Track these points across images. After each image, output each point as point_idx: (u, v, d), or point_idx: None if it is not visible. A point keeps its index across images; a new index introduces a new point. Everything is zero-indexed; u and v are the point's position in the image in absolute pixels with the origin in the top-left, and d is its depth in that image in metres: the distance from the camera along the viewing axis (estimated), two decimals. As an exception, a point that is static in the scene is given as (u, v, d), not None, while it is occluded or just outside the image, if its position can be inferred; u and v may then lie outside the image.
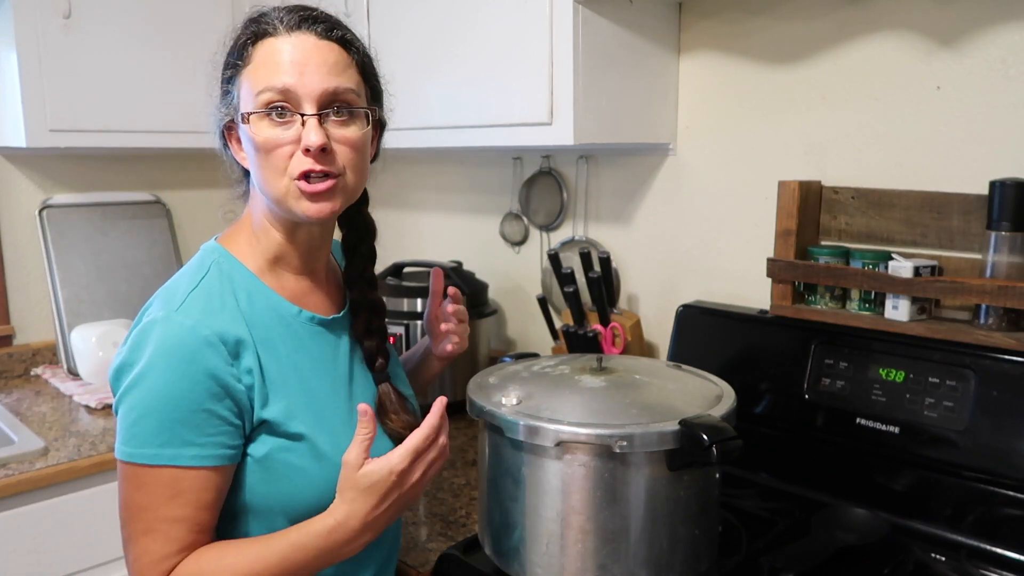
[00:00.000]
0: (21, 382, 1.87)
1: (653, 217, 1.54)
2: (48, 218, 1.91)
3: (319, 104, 0.78)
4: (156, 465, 0.75)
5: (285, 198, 0.80)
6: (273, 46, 0.79)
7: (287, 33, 0.79)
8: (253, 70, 0.79)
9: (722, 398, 0.94)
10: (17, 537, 1.36)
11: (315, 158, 0.78)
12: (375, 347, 0.93)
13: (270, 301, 0.85)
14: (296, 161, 0.78)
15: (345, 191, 0.82)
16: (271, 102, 0.78)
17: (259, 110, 0.78)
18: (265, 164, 0.79)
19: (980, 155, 1.14)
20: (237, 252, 0.86)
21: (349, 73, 0.81)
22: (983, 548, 1.01)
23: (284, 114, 0.78)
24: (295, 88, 0.77)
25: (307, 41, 0.79)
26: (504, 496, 0.92)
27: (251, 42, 0.80)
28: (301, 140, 0.78)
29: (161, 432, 0.75)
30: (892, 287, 1.13)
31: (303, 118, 0.78)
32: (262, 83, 0.78)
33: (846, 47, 1.25)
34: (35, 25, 1.62)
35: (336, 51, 0.80)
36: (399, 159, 2.06)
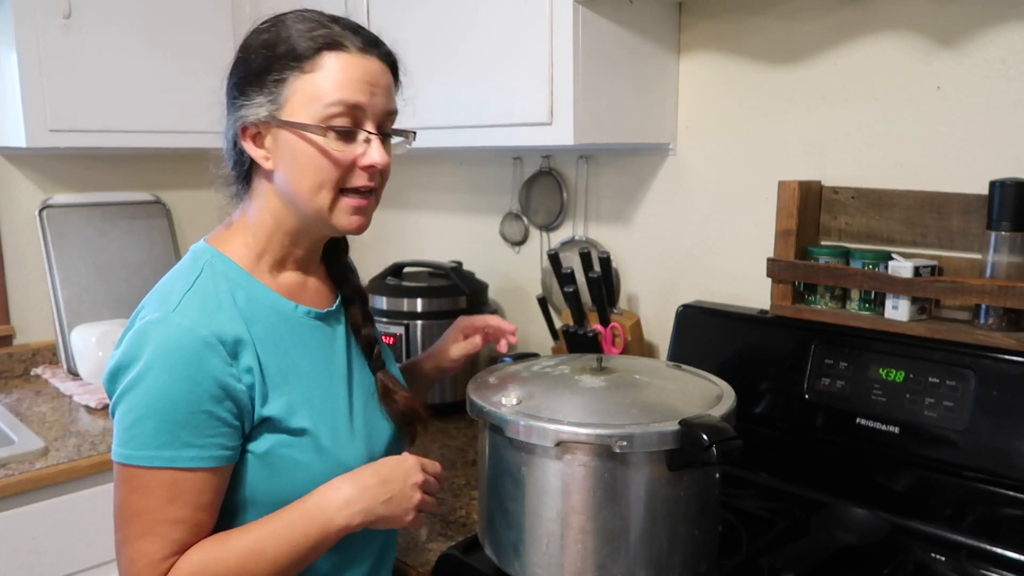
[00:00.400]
0: (21, 382, 1.87)
1: (653, 217, 1.54)
2: (48, 218, 1.91)
3: (379, 124, 0.83)
4: (155, 467, 0.75)
5: (324, 210, 0.82)
6: (347, 60, 0.80)
7: (360, 53, 0.81)
8: (322, 78, 0.79)
9: (722, 398, 0.94)
10: (17, 537, 1.36)
11: (372, 176, 0.83)
12: (371, 335, 0.95)
13: (267, 298, 0.85)
14: (354, 175, 0.82)
15: (375, 207, 0.87)
16: (338, 115, 0.79)
17: (325, 124, 0.79)
18: (319, 174, 0.80)
19: (980, 155, 1.14)
20: (230, 252, 0.85)
21: (396, 97, 0.86)
22: (983, 548, 1.01)
23: (351, 132, 0.81)
24: (366, 106, 0.81)
25: (376, 64, 0.82)
26: (504, 496, 0.92)
27: (318, 49, 0.79)
28: (363, 157, 0.81)
29: (160, 434, 0.75)
30: (892, 287, 1.13)
31: (369, 136, 0.81)
32: (335, 94, 0.79)
33: (846, 47, 1.25)
34: (35, 25, 1.62)
35: (390, 76, 0.85)
36: (399, 159, 2.04)
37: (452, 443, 1.49)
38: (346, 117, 0.80)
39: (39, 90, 1.63)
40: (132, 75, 1.75)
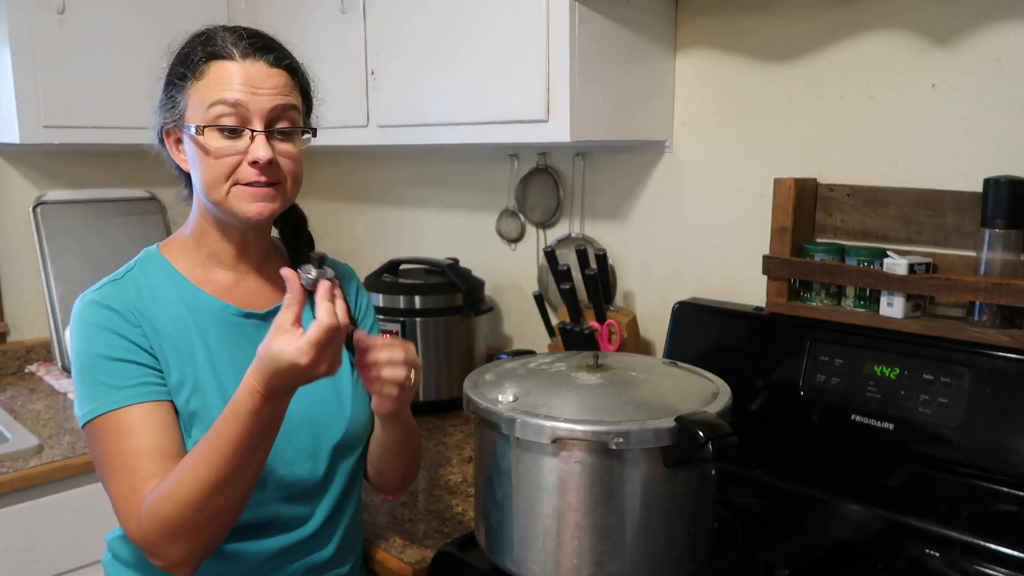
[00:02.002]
0: (15, 379, 1.86)
1: (649, 214, 1.54)
2: (42, 215, 1.90)
3: (266, 122, 0.87)
4: (98, 416, 0.84)
5: (226, 200, 0.88)
6: (227, 68, 0.87)
7: (242, 59, 0.87)
8: (205, 85, 0.87)
9: (718, 395, 0.94)
10: (11, 535, 1.36)
11: (261, 170, 0.87)
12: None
13: (188, 294, 0.93)
14: (243, 171, 0.87)
15: (283, 197, 0.91)
16: (222, 115, 0.86)
17: (211, 123, 0.86)
18: (210, 170, 0.88)
19: (974, 153, 1.15)
20: (169, 253, 0.96)
21: (294, 95, 0.91)
22: (977, 544, 1.02)
23: (236, 131, 0.87)
24: (247, 104, 0.86)
25: (260, 68, 0.88)
26: (500, 493, 0.92)
27: (204, 60, 0.88)
28: (249, 153, 0.87)
29: (92, 389, 0.85)
30: (887, 284, 1.14)
31: (253, 133, 0.87)
32: (215, 96, 0.86)
33: (842, 45, 1.26)
34: (28, 20, 1.61)
35: (284, 76, 0.90)
36: (396, 156, 2.06)
37: (448, 440, 1.49)
38: (230, 117, 0.86)
39: (33, 86, 1.62)
40: (126, 71, 1.74)
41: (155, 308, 0.90)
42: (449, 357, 1.64)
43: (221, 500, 0.80)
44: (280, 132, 0.89)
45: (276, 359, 0.77)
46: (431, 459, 1.40)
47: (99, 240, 1.95)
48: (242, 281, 0.97)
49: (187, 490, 0.79)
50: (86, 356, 0.86)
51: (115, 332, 0.87)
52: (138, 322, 0.88)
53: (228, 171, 0.87)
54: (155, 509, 0.80)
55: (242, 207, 0.88)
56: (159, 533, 0.80)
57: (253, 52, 0.87)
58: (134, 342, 0.87)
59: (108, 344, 0.86)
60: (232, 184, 0.88)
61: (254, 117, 0.87)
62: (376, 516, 1.18)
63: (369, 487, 1.29)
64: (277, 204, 0.90)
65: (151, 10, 1.76)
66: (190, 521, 0.79)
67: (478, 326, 1.68)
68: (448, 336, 1.64)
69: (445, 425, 1.57)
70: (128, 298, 0.90)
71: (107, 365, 0.86)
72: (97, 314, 0.88)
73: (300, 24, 1.71)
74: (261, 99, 0.87)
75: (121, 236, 1.98)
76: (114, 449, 0.84)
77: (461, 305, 1.64)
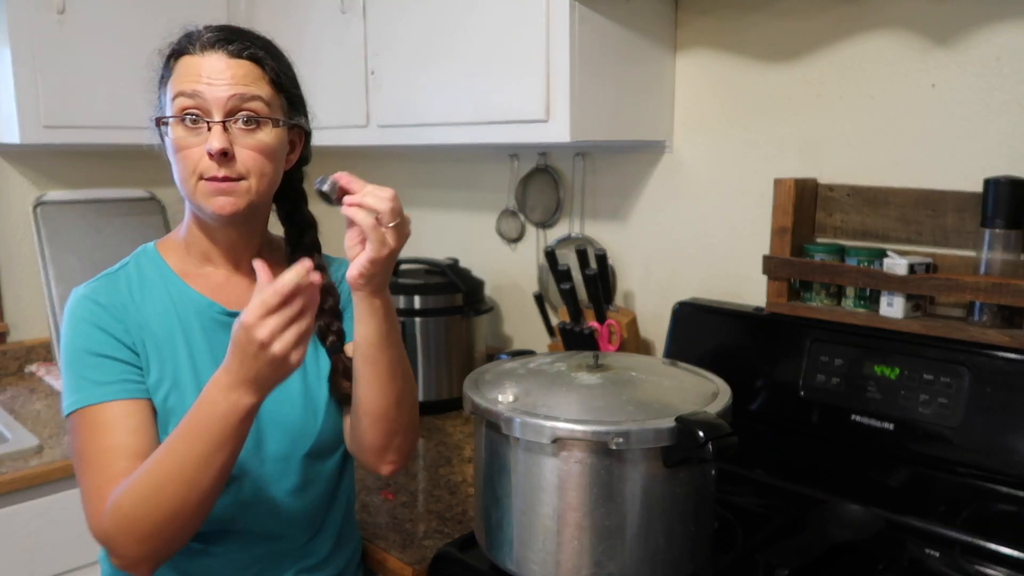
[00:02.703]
0: (15, 380, 1.86)
1: (649, 214, 1.54)
2: (42, 215, 1.90)
3: (225, 112, 0.87)
4: (78, 410, 0.86)
5: (194, 195, 0.88)
6: (189, 61, 0.88)
7: (200, 52, 0.88)
8: (173, 81, 0.88)
9: (718, 395, 0.94)
10: (11, 535, 1.36)
11: (217, 162, 0.86)
12: (325, 326, 0.98)
13: (177, 291, 0.93)
14: (203, 163, 0.87)
15: (248, 193, 0.89)
16: (185, 108, 0.87)
17: (175, 115, 0.87)
18: (179, 163, 0.88)
19: (974, 153, 1.15)
20: (164, 250, 0.97)
21: (258, 85, 0.89)
22: (977, 544, 1.02)
23: (197, 121, 0.87)
24: (204, 93, 0.86)
25: (219, 59, 0.87)
26: (500, 493, 0.92)
27: (173, 57, 0.90)
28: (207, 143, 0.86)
29: (74, 382, 0.87)
30: (887, 284, 1.14)
31: (209, 124, 0.86)
32: (176, 89, 0.87)
33: (842, 45, 1.26)
34: (29, 20, 1.61)
35: (246, 66, 0.88)
36: (395, 156, 2.06)
37: (448, 440, 1.49)
38: (191, 110, 0.86)
39: (33, 86, 1.62)
40: (127, 71, 1.74)
41: (143, 304, 0.91)
42: (449, 357, 1.64)
43: (181, 499, 0.78)
44: (243, 123, 0.87)
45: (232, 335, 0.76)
46: (431, 459, 1.40)
47: (99, 240, 1.95)
48: (232, 279, 0.96)
49: (148, 486, 0.79)
50: (71, 350, 0.88)
51: (100, 327, 0.88)
52: (123, 318, 0.89)
53: (193, 165, 0.87)
54: (118, 503, 0.80)
55: (207, 202, 0.87)
56: (119, 528, 0.80)
57: (211, 44, 0.88)
58: (118, 338, 0.88)
59: (92, 339, 0.88)
60: (197, 178, 0.87)
61: (212, 108, 0.86)
62: (376, 516, 1.18)
63: (369, 486, 1.29)
64: (244, 200, 0.88)
65: (151, 10, 1.76)
66: (150, 518, 0.79)
67: (478, 326, 1.68)
68: (448, 336, 1.64)
69: (445, 425, 1.57)
70: (118, 293, 0.91)
71: (90, 360, 0.87)
72: (85, 308, 0.89)
73: (300, 24, 1.71)
74: (217, 89, 0.86)
75: (121, 236, 1.98)
76: (88, 444, 0.85)
77: (461, 305, 1.64)
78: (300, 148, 0.98)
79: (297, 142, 0.97)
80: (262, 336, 0.74)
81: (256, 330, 0.74)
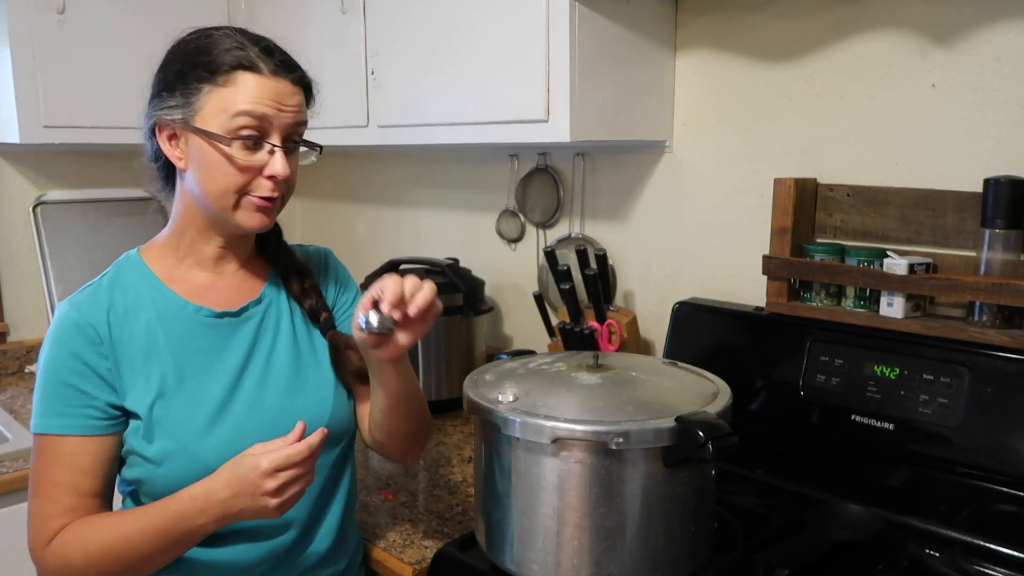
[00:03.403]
0: (15, 379, 1.86)
1: (649, 214, 1.54)
2: (42, 215, 1.90)
3: (284, 137, 0.89)
4: (39, 433, 0.88)
5: (227, 209, 0.89)
6: (258, 80, 0.87)
7: (272, 76, 0.88)
8: (232, 93, 0.86)
9: (718, 395, 0.94)
10: (11, 535, 1.36)
11: (276, 185, 0.89)
12: (314, 304, 1.01)
13: (161, 298, 0.93)
14: (258, 184, 0.88)
15: (281, 207, 0.94)
16: (247, 126, 0.87)
17: (236, 133, 0.86)
18: (225, 179, 0.88)
19: (974, 153, 1.15)
20: (148, 257, 0.96)
21: (305, 113, 0.93)
22: (977, 544, 1.02)
23: (258, 142, 0.88)
24: (272, 120, 0.88)
25: (286, 86, 0.89)
26: (500, 493, 0.92)
27: (231, 67, 0.87)
28: (268, 167, 0.88)
29: (42, 404, 0.88)
30: (887, 284, 1.14)
31: (272, 148, 0.88)
32: (242, 106, 0.86)
33: (842, 45, 1.26)
34: (29, 20, 1.61)
35: (301, 95, 0.91)
36: (396, 156, 2.05)
37: (448, 440, 1.50)
38: (253, 129, 0.87)
39: (33, 86, 1.62)
40: (127, 70, 1.74)
41: (124, 317, 0.91)
42: (449, 357, 1.64)
43: (125, 571, 0.85)
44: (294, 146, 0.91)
45: (242, 471, 0.81)
46: (431, 459, 1.40)
47: (99, 240, 1.95)
48: (219, 282, 0.97)
49: (99, 553, 0.84)
50: (45, 371, 0.89)
51: (74, 354, 0.88)
52: (101, 339, 0.89)
53: (244, 182, 0.88)
54: (66, 552, 0.86)
55: (247, 218, 0.90)
56: (55, 570, 0.87)
57: (281, 69, 0.89)
58: (91, 366, 0.88)
59: (65, 366, 0.87)
60: (242, 195, 0.89)
61: (275, 132, 0.88)
62: (376, 516, 1.18)
63: (369, 487, 1.30)
64: (275, 215, 0.93)
65: (151, 10, 1.76)
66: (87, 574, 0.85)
67: (478, 326, 1.68)
68: (448, 336, 1.64)
69: (445, 425, 1.57)
70: (99, 308, 0.90)
71: (59, 389, 0.87)
72: (64, 331, 0.89)
73: (300, 24, 1.71)
74: (285, 116, 0.88)
75: (121, 236, 1.98)
76: (42, 471, 0.88)
77: (461, 305, 1.64)
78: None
79: None
80: (271, 486, 0.80)
81: (270, 479, 0.80)
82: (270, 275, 1.02)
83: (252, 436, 0.90)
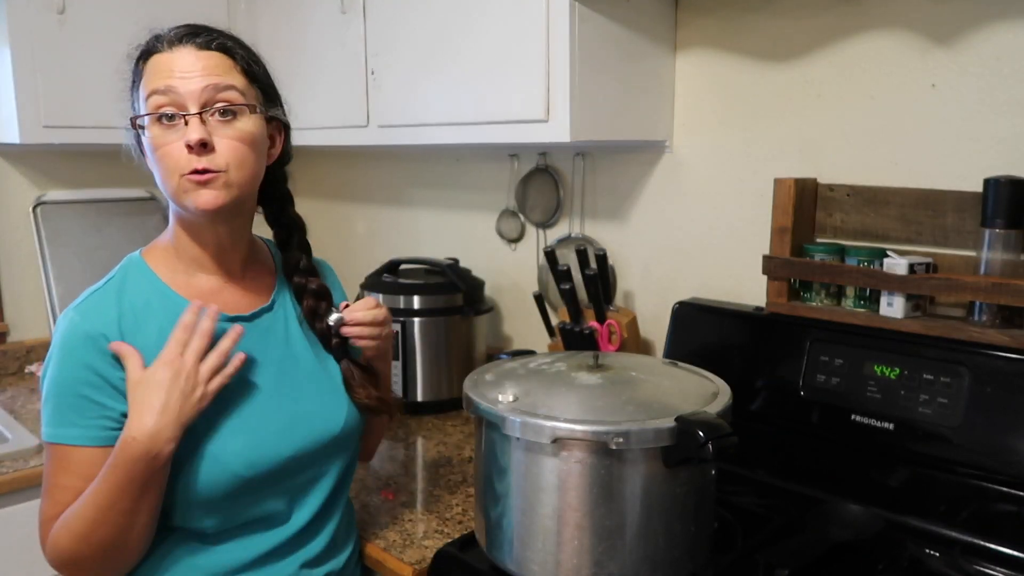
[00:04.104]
0: (15, 379, 1.86)
1: (649, 214, 1.54)
2: (42, 215, 1.90)
3: (201, 104, 0.86)
4: (51, 442, 0.87)
5: (178, 193, 0.87)
6: (159, 60, 0.88)
7: (169, 49, 0.88)
8: (145, 81, 0.88)
9: (718, 395, 0.94)
10: (12, 535, 1.36)
11: (197, 153, 0.85)
12: (327, 328, 1.00)
13: (171, 304, 0.91)
14: (184, 159, 0.86)
15: (231, 186, 0.88)
16: (160, 105, 0.86)
17: (150, 113, 0.86)
18: (160, 163, 0.87)
19: (975, 152, 1.15)
20: (151, 260, 0.95)
21: (231, 75, 0.89)
22: (977, 544, 1.02)
23: (173, 117, 0.86)
24: (177, 88, 0.86)
25: (188, 53, 0.88)
26: (500, 493, 0.92)
27: (142, 59, 0.90)
28: (185, 137, 0.85)
29: (55, 414, 0.87)
30: (887, 284, 1.14)
31: (186, 118, 0.86)
32: (149, 88, 0.87)
33: (842, 45, 1.26)
34: (29, 20, 1.61)
35: (216, 57, 0.88)
36: (395, 156, 2.05)
37: (448, 440, 1.49)
38: (167, 107, 0.86)
39: (33, 86, 1.62)
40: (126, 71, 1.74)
41: (135, 324, 0.89)
42: (449, 357, 1.64)
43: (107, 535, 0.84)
44: (221, 114, 0.86)
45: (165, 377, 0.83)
46: (431, 459, 1.40)
47: (99, 240, 1.95)
48: (226, 287, 0.96)
49: (81, 526, 0.84)
50: (56, 381, 0.87)
51: (86, 365, 0.86)
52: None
53: (174, 163, 0.86)
54: (56, 538, 0.86)
55: (191, 198, 0.86)
56: (58, 561, 0.87)
57: (179, 40, 0.88)
58: (103, 377, 0.86)
59: (77, 377, 0.86)
60: (179, 175, 0.86)
61: (187, 102, 0.85)
62: (376, 516, 1.18)
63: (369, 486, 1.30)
64: (225, 194, 0.87)
65: (151, 10, 1.75)
66: (82, 552, 0.85)
67: (478, 326, 1.68)
68: (448, 336, 1.64)
69: (445, 425, 1.57)
70: (109, 317, 0.88)
71: (71, 400, 0.86)
72: (73, 340, 0.87)
73: (300, 24, 1.71)
74: (190, 81, 0.85)
75: (121, 236, 1.98)
76: (53, 477, 0.88)
77: (461, 305, 1.64)
78: (281, 143, 0.97)
79: (277, 136, 0.96)
80: (188, 362, 0.84)
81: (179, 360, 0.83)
82: (277, 279, 1.01)
83: (269, 442, 0.91)
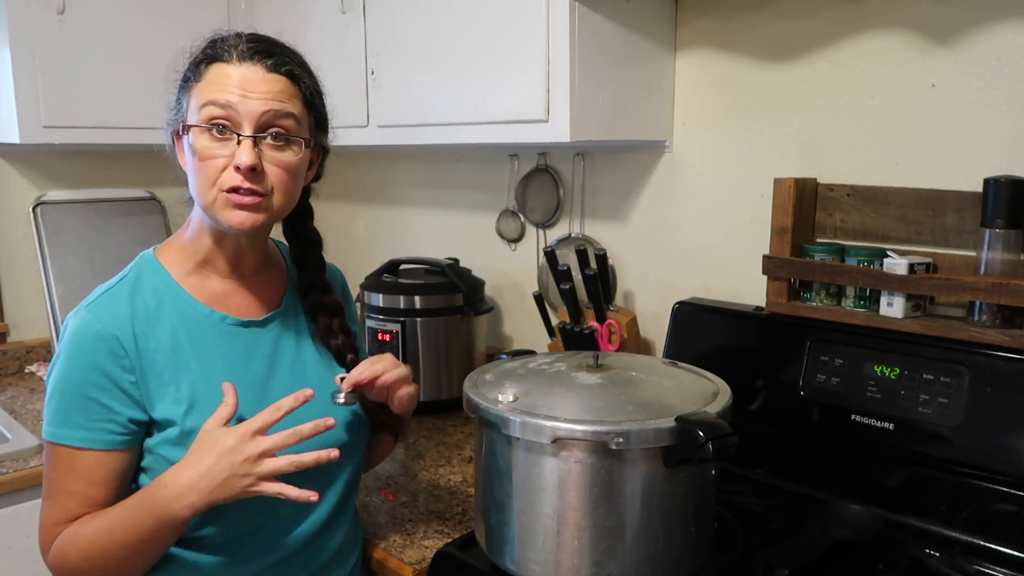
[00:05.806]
0: (15, 380, 1.86)
1: (649, 214, 1.54)
2: (42, 215, 1.90)
3: (257, 127, 0.85)
4: (55, 443, 0.86)
5: (213, 206, 0.87)
6: (224, 70, 0.86)
7: (239, 62, 0.86)
8: (202, 87, 0.86)
9: (718, 395, 0.94)
10: (12, 535, 1.36)
11: (244, 176, 0.85)
12: (341, 345, 0.99)
13: (183, 303, 0.91)
14: (227, 175, 0.85)
15: (270, 209, 0.88)
16: (214, 117, 0.85)
17: (202, 123, 0.85)
18: (200, 172, 0.86)
19: (974, 152, 1.15)
20: (165, 259, 0.94)
21: (292, 102, 0.88)
22: (977, 544, 1.02)
23: (224, 132, 0.85)
24: (237, 106, 0.84)
25: (256, 72, 0.86)
26: (500, 493, 0.92)
27: (205, 63, 0.87)
28: (235, 157, 0.85)
29: (59, 414, 0.85)
30: (887, 284, 1.14)
31: (239, 138, 0.85)
32: (207, 97, 0.85)
33: (842, 44, 1.26)
34: (28, 20, 1.61)
35: (282, 82, 0.87)
36: (395, 156, 2.05)
37: (448, 440, 1.50)
38: (220, 119, 0.85)
39: (33, 86, 1.62)
40: (127, 70, 1.74)
41: (148, 325, 0.88)
42: (449, 357, 1.64)
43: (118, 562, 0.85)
44: (273, 139, 0.86)
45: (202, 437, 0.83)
46: (431, 459, 1.40)
47: (99, 240, 1.95)
48: (238, 289, 0.95)
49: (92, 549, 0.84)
50: (63, 380, 0.86)
51: (97, 367, 0.85)
52: (126, 352, 0.86)
53: (215, 175, 0.85)
54: (64, 551, 0.85)
55: (226, 215, 0.86)
56: (62, 572, 0.87)
57: (250, 55, 0.86)
58: (114, 380, 0.85)
59: (86, 378, 0.85)
60: (219, 190, 0.85)
61: (244, 121, 0.84)
62: (376, 516, 1.18)
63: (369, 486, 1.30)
64: (263, 216, 0.87)
65: (151, 10, 1.76)
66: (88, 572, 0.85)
67: (478, 326, 1.68)
68: (448, 336, 1.64)
69: (445, 425, 1.57)
70: (122, 318, 0.87)
71: (77, 400, 0.85)
72: (85, 340, 0.85)
73: (300, 24, 1.71)
74: (251, 103, 0.84)
75: (121, 236, 1.98)
76: (55, 478, 0.87)
77: (461, 305, 1.64)
78: (317, 165, 0.97)
79: (315, 160, 0.96)
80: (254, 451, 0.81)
81: (250, 444, 0.81)
82: (289, 284, 1.01)
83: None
